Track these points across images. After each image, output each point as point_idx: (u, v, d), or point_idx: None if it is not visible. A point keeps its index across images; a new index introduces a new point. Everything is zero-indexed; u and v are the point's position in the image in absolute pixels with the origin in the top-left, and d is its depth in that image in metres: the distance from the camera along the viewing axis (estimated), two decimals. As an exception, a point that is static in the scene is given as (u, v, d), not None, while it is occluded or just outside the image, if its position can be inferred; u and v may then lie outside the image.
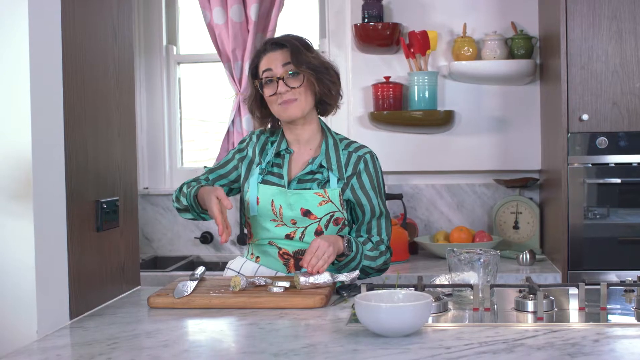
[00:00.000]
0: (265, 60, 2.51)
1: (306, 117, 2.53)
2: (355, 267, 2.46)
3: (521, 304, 2.10)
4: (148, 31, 4.46)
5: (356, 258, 2.45)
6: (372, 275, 2.55)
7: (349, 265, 2.45)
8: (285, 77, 2.46)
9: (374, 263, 2.50)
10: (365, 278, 2.53)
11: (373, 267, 2.51)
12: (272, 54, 2.51)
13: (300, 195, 2.47)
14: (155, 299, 2.25)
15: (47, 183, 2.07)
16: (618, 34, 3.28)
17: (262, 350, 1.76)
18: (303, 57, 2.48)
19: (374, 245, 2.52)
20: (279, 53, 2.50)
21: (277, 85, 2.47)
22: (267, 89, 2.50)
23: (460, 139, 4.04)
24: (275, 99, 2.49)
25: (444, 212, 4.13)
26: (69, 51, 2.19)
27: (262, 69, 2.51)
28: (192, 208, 2.55)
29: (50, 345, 1.88)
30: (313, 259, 2.29)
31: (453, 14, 4.01)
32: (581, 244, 3.33)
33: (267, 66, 2.50)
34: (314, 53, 2.54)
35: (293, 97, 2.47)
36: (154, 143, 4.46)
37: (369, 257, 2.49)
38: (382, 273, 2.58)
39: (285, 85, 2.46)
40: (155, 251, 4.42)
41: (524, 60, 3.85)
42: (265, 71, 2.50)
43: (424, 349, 1.74)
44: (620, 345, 1.78)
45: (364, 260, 2.47)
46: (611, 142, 3.31)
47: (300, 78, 2.48)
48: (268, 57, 2.51)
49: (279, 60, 2.49)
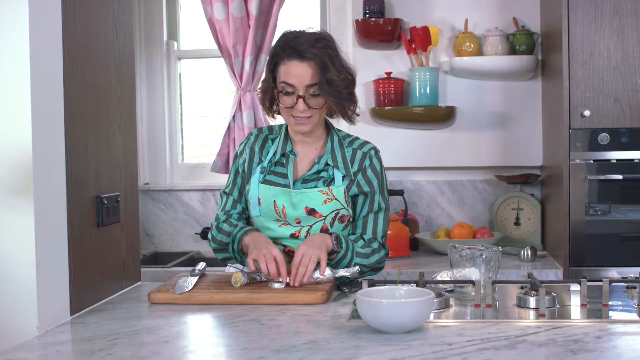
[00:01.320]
0: (288, 71, 2.41)
1: None
2: (348, 264, 2.44)
3: (523, 301, 2.10)
4: (149, 26, 4.45)
5: (347, 255, 2.43)
6: (367, 274, 2.53)
7: (341, 263, 2.44)
8: (306, 97, 2.41)
9: (366, 260, 2.47)
10: (360, 277, 2.50)
11: (366, 265, 2.48)
12: (297, 66, 2.40)
13: (304, 194, 2.46)
14: (156, 294, 2.24)
15: (48, 178, 2.06)
16: (620, 29, 3.27)
17: (264, 347, 1.76)
18: (330, 77, 2.39)
19: (365, 243, 2.49)
20: (304, 67, 2.40)
21: (297, 102, 2.41)
22: (284, 98, 2.44)
23: (462, 135, 4.04)
24: (289, 110, 2.44)
25: (445, 208, 4.13)
26: (69, 46, 2.19)
27: (283, 78, 2.42)
28: (234, 251, 2.49)
29: (50, 341, 1.88)
30: (300, 269, 2.28)
31: (454, 10, 4.00)
32: (583, 241, 3.33)
33: (290, 80, 2.41)
34: (340, 69, 2.44)
35: (308, 115, 2.42)
36: (154, 138, 4.45)
37: (361, 255, 2.46)
38: (377, 272, 2.56)
39: (304, 104, 2.41)
40: (155, 247, 4.41)
41: (525, 56, 3.84)
42: (286, 84, 2.41)
43: (425, 346, 1.73)
44: (623, 341, 1.78)
45: (355, 257, 2.45)
46: (613, 139, 3.30)
47: (321, 101, 2.42)
48: (292, 67, 2.41)
49: (304, 78, 2.40)
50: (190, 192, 4.37)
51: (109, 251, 2.46)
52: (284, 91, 2.43)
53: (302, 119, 2.43)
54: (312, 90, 2.41)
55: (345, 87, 2.45)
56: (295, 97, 2.41)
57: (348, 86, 2.47)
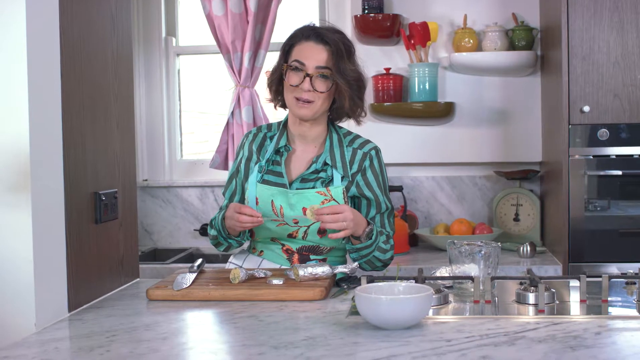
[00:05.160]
0: (302, 50, 2.43)
1: (317, 119, 2.48)
2: (366, 255, 2.44)
3: (522, 297, 2.09)
4: (147, 23, 4.44)
5: (371, 247, 2.44)
6: (378, 269, 2.53)
7: (360, 252, 2.43)
8: (314, 76, 2.40)
9: (383, 256, 2.49)
10: (370, 270, 2.52)
11: (381, 260, 2.49)
12: (313, 47, 2.42)
13: (302, 195, 2.44)
14: (154, 291, 2.24)
15: (45, 175, 2.06)
16: (619, 24, 3.27)
17: (262, 343, 1.75)
18: (344, 65, 2.41)
19: (386, 239, 2.51)
20: (319, 49, 2.42)
21: (303, 80, 2.40)
22: (291, 75, 2.43)
23: (461, 131, 4.03)
24: (294, 90, 2.42)
25: (444, 204, 4.13)
26: (67, 42, 2.18)
27: (296, 57, 2.43)
28: (220, 234, 2.52)
29: (48, 338, 1.88)
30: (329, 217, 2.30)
31: (453, 5, 3.99)
32: (582, 236, 3.32)
33: (302, 59, 2.41)
34: (354, 64, 2.46)
35: (311, 99, 2.41)
36: (153, 135, 4.45)
37: (381, 249, 2.48)
38: (384, 269, 2.56)
39: (310, 84, 2.40)
40: (154, 243, 4.41)
41: (524, 51, 3.84)
42: (298, 61, 2.42)
43: (424, 342, 1.73)
44: (622, 337, 1.77)
45: (375, 251, 2.46)
46: (612, 134, 3.30)
47: (328, 84, 2.42)
48: (307, 48, 2.43)
49: (316, 59, 2.41)
50: (189, 189, 4.36)
51: (107, 248, 2.45)
52: (293, 67, 2.43)
53: (304, 102, 2.41)
54: (321, 72, 2.41)
55: (356, 81, 2.45)
56: (304, 74, 2.41)
57: (359, 83, 2.47)
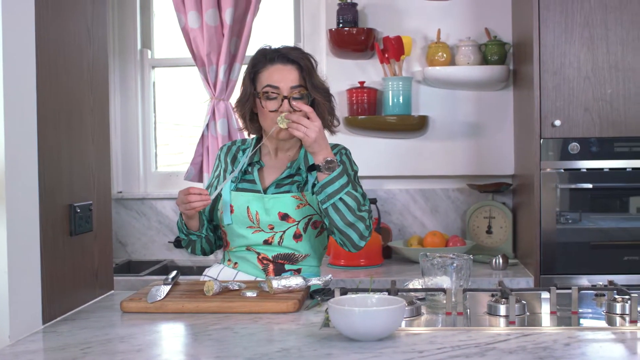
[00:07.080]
0: (272, 74, 2.46)
1: None
2: (333, 195, 2.34)
3: (493, 308, 2.12)
4: (122, 35, 4.44)
5: (335, 183, 2.33)
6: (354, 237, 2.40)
7: (325, 190, 2.34)
8: (291, 97, 2.43)
9: (355, 205, 2.36)
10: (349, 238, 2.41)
11: (354, 211, 2.36)
12: (282, 69, 2.46)
13: (278, 200, 2.47)
14: (129, 303, 2.24)
15: (20, 187, 2.05)
16: (590, 40, 3.32)
17: (236, 355, 1.76)
18: (315, 80, 2.47)
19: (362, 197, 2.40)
20: (289, 70, 2.46)
21: (282, 103, 2.43)
22: (268, 103, 2.45)
23: (434, 144, 4.06)
24: (274, 115, 2.44)
25: (417, 216, 4.15)
26: (42, 53, 2.18)
27: (266, 82, 2.46)
28: (181, 231, 2.58)
29: (22, 350, 1.87)
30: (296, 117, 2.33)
31: (427, 20, 4.03)
32: (553, 249, 3.36)
33: (274, 83, 2.44)
34: (319, 77, 2.51)
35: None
36: (128, 147, 4.44)
37: (353, 196, 2.36)
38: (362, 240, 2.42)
39: (289, 106, 2.42)
40: (129, 255, 4.40)
41: (497, 66, 3.88)
42: (270, 86, 2.44)
43: (397, 353, 1.75)
44: (591, 348, 1.80)
45: (344, 194, 2.34)
46: (583, 148, 3.34)
47: (305, 102, 2.46)
48: (276, 71, 2.46)
49: (288, 79, 2.44)
50: (164, 201, 4.36)
51: (82, 260, 2.45)
52: (268, 94, 2.45)
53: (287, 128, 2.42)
54: (296, 91, 2.44)
55: (327, 93, 2.52)
56: (280, 98, 2.44)
57: (329, 93, 2.53)
